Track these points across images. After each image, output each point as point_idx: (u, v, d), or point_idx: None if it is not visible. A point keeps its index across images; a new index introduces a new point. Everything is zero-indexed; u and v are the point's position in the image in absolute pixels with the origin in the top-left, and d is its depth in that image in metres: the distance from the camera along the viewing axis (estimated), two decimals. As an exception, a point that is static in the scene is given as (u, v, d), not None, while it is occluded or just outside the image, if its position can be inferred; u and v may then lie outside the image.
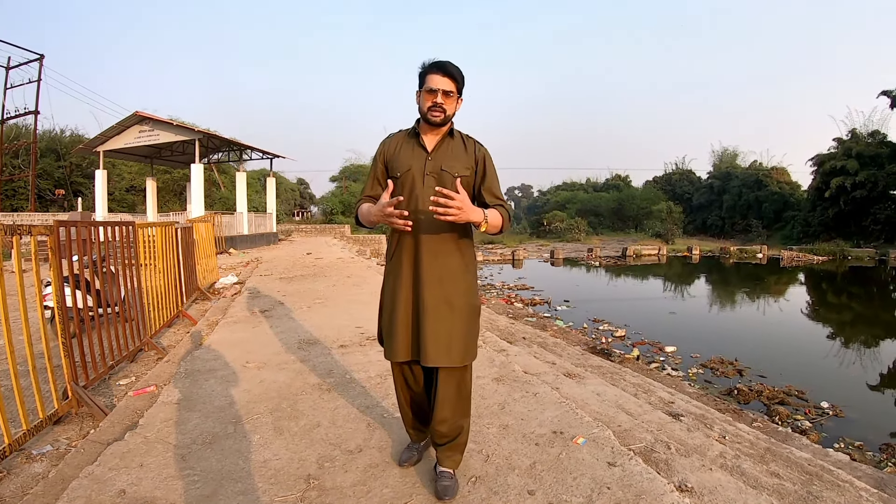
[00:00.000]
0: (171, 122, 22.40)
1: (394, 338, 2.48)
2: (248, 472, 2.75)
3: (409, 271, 2.46)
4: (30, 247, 3.36)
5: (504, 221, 2.43)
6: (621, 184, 62.50)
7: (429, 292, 2.41)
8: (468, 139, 2.57)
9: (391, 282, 2.56)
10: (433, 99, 2.36)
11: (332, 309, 7.44)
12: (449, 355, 2.40)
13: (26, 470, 3.00)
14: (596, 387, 4.78)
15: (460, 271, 2.50)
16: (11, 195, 34.27)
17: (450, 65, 2.37)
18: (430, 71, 2.37)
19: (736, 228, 48.66)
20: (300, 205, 62.28)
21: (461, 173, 2.45)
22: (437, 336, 2.39)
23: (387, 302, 2.58)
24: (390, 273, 2.57)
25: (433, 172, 2.43)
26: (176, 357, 5.08)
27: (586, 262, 30.00)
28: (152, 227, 6.38)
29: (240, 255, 18.73)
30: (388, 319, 2.55)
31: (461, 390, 2.53)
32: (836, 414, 6.50)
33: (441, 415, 2.49)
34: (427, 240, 2.42)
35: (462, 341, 2.44)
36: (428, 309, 2.40)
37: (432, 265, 2.42)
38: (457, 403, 2.52)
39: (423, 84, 2.40)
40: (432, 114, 2.38)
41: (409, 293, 2.46)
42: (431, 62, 2.39)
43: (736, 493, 2.75)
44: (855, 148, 37.99)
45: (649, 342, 9.89)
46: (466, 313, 2.48)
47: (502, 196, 2.57)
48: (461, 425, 2.57)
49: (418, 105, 2.46)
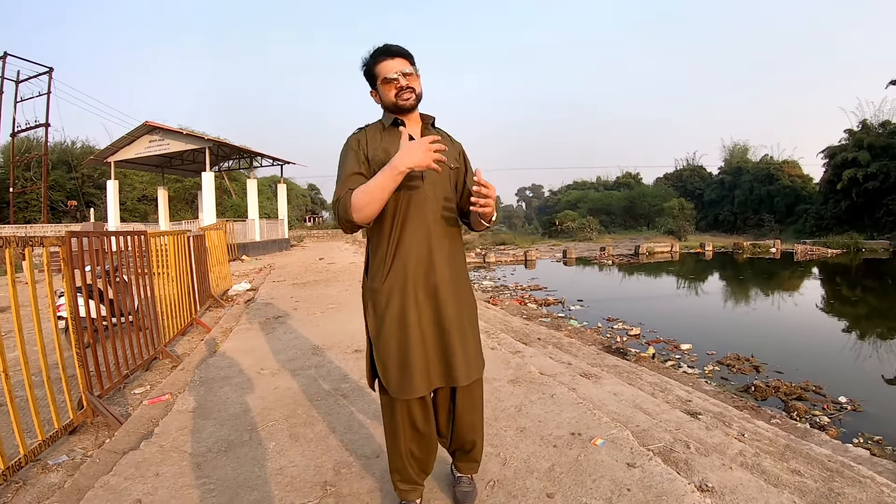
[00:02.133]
0: (181, 131, 22.52)
1: (410, 369, 2.07)
2: (264, 480, 2.73)
3: (422, 280, 2.10)
4: (42, 258, 3.36)
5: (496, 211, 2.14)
6: (632, 182, 62.27)
7: (449, 301, 2.12)
8: (443, 132, 2.34)
9: (395, 302, 2.10)
10: (396, 85, 2.08)
11: (346, 314, 7.43)
12: (477, 366, 2.20)
13: (42, 480, 3.00)
14: (613, 387, 4.74)
15: (465, 271, 2.31)
16: (24, 207, 34.57)
17: (393, 45, 2.10)
18: (378, 59, 2.10)
19: (748, 223, 48.28)
20: (311, 210, 62.59)
21: (453, 165, 2.23)
22: (463, 348, 2.13)
23: (390, 328, 2.10)
24: (391, 292, 2.11)
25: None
26: (190, 365, 5.08)
27: (599, 261, 29.81)
28: (164, 235, 6.40)
29: (252, 261, 18.80)
30: (396, 349, 2.09)
31: (478, 399, 2.36)
32: (855, 409, 6.41)
33: (461, 431, 2.33)
34: (437, 239, 2.13)
35: (479, 348, 2.26)
36: (451, 320, 2.11)
37: (448, 268, 2.15)
38: (477, 413, 2.35)
39: (376, 79, 2.12)
40: (402, 98, 2.09)
41: (427, 306, 2.11)
42: (374, 50, 2.12)
43: (757, 492, 2.70)
44: (866, 139, 37.56)
45: (664, 340, 9.79)
46: (474, 316, 2.30)
47: None
48: (480, 433, 2.42)
49: (382, 103, 2.19)
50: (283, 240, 27.22)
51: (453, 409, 2.29)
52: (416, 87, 2.11)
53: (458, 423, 2.30)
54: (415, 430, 2.24)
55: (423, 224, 2.11)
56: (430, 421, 2.26)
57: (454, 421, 2.30)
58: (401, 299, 2.09)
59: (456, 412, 2.28)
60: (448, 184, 2.16)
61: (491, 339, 5.99)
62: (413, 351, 2.07)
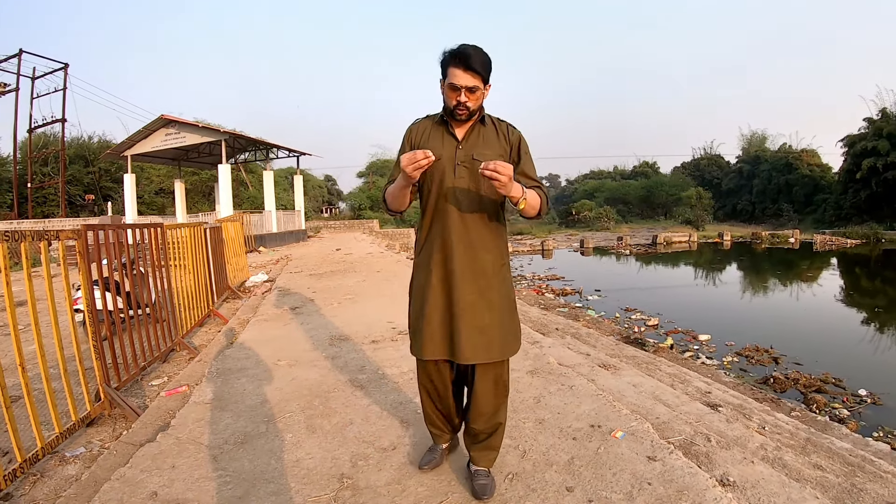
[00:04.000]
0: (196, 123, 22.66)
1: (422, 334, 2.34)
2: (281, 472, 2.72)
3: (440, 265, 2.33)
4: (58, 252, 3.36)
5: (542, 203, 2.30)
6: (649, 171, 62.02)
7: (463, 287, 2.29)
8: (500, 123, 2.42)
9: (421, 276, 2.42)
10: (457, 97, 2.20)
11: (363, 304, 7.42)
12: (488, 351, 2.30)
13: (59, 472, 3.00)
14: (632, 378, 4.69)
15: (495, 263, 2.38)
16: (42, 202, 34.95)
17: (474, 56, 2.15)
18: (452, 63, 2.17)
19: (767, 213, 47.94)
20: (328, 201, 62.66)
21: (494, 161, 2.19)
22: (473, 332, 2.27)
23: (416, 297, 2.45)
24: (419, 267, 2.45)
25: (465, 162, 2.29)
26: (208, 356, 5.09)
27: (616, 251, 29.74)
28: (181, 228, 6.41)
29: (269, 253, 18.85)
30: (416, 315, 2.42)
31: (498, 386, 2.43)
32: (874, 402, 6.33)
33: (477, 411, 2.42)
34: (460, 231, 2.30)
35: (500, 336, 2.34)
36: (463, 305, 2.28)
37: (465, 258, 2.30)
38: (494, 399, 2.42)
39: (446, 76, 2.23)
40: (458, 111, 2.24)
41: (440, 288, 2.33)
42: (453, 51, 2.17)
43: (779, 487, 2.66)
44: (886, 128, 37.00)
45: (683, 331, 9.74)
46: (504, 307, 2.39)
47: (538, 179, 2.40)
48: (498, 422, 2.48)
49: (443, 98, 2.30)
50: (300, 231, 27.29)
51: (472, 382, 2.43)
52: (473, 104, 2.24)
53: (474, 395, 2.43)
54: (434, 387, 2.53)
55: (449, 215, 2.31)
56: (446, 384, 2.51)
57: (472, 393, 2.44)
58: (425, 276, 2.38)
59: (473, 386, 2.43)
60: (485, 180, 2.13)
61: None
62: (427, 321, 2.34)
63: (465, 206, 2.29)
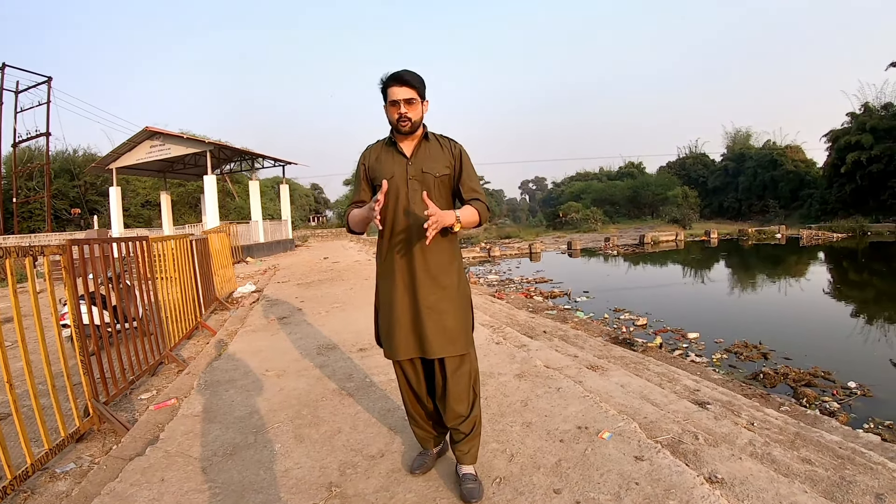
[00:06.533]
0: (181, 135, 22.62)
1: (394, 336, 2.54)
2: (270, 482, 2.73)
3: (402, 270, 2.54)
4: (44, 267, 3.36)
5: (480, 214, 2.52)
6: (635, 171, 62.14)
7: (425, 287, 2.50)
8: (443, 139, 2.67)
9: (386, 284, 2.63)
10: (397, 111, 2.44)
11: (351, 313, 7.43)
12: (453, 344, 2.50)
13: (50, 489, 2.99)
14: (620, 378, 4.71)
15: (450, 263, 2.58)
16: (28, 217, 34.67)
17: (406, 73, 2.43)
18: (389, 84, 2.44)
19: (753, 210, 48.14)
20: (315, 210, 62.61)
21: (441, 173, 2.57)
22: (438, 328, 2.48)
23: (384, 304, 2.65)
24: (384, 276, 2.65)
25: (415, 176, 2.53)
26: (196, 369, 5.08)
27: (604, 251, 29.76)
28: (167, 240, 6.39)
29: (257, 263, 18.82)
30: (386, 319, 2.63)
31: (470, 378, 2.58)
32: (864, 394, 6.36)
33: (456, 410, 2.54)
34: (417, 238, 2.49)
35: (462, 329, 2.55)
36: (426, 303, 2.49)
37: (424, 261, 2.51)
38: (468, 393, 2.57)
39: (386, 98, 2.48)
40: (401, 124, 2.47)
41: (405, 290, 2.54)
42: (389, 75, 2.45)
43: (767, 483, 2.67)
44: (869, 122, 37.27)
45: (671, 329, 9.75)
46: (460, 302, 2.59)
47: (480, 189, 2.65)
48: (476, 416, 2.61)
49: (388, 118, 2.54)
50: (288, 240, 27.27)
51: (444, 379, 2.56)
52: (414, 115, 2.46)
53: (447, 392, 2.55)
54: (410, 386, 2.72)
55: (408, 226, 2.51)
56: (420, 382, 2.69)
57: (445, 389, 2.56)
58: (390, 283, 2.59)
59: (445, 382, 2.55)
60: (436, 190, 2.52)
61: (496, 333, 5.98)
62: (396, 323, 2.53)
63: (421, 216, 2.40)
